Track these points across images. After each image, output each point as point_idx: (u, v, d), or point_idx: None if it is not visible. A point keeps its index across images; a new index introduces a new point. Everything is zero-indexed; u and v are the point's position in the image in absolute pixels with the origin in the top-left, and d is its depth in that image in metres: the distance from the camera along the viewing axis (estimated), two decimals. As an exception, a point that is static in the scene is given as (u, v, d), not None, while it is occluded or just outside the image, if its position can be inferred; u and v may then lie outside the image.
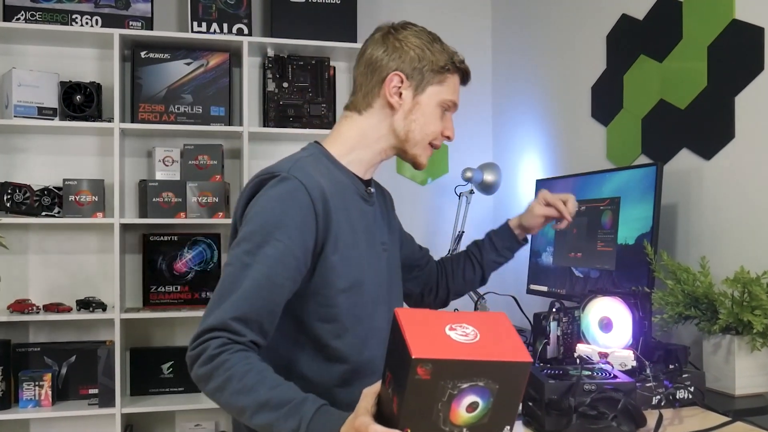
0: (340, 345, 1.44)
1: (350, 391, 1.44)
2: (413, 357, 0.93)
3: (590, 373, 1.42)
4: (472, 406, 0.96)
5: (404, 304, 1.78)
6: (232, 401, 1.22)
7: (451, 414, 0.96)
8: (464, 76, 1.58)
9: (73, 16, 2.99)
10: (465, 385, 0.95)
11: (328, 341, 1.44)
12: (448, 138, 1.57)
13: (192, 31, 3.09)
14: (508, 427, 0.98)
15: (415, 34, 1.52)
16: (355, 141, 1.54)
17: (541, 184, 2.60)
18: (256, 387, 1.20)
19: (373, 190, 1.59)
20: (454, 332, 0.99)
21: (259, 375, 1.21)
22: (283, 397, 1.18)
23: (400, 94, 1.50)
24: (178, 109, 3.06)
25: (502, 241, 1.85)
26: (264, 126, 3.19)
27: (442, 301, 1.91)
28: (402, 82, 1.49)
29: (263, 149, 3.25)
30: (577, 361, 1.60)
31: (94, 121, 2.95)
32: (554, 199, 1.77)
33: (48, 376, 2.88)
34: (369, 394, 1.05)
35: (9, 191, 2.90)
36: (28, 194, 2.93)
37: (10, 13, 2.95)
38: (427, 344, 0.95)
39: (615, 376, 1.41)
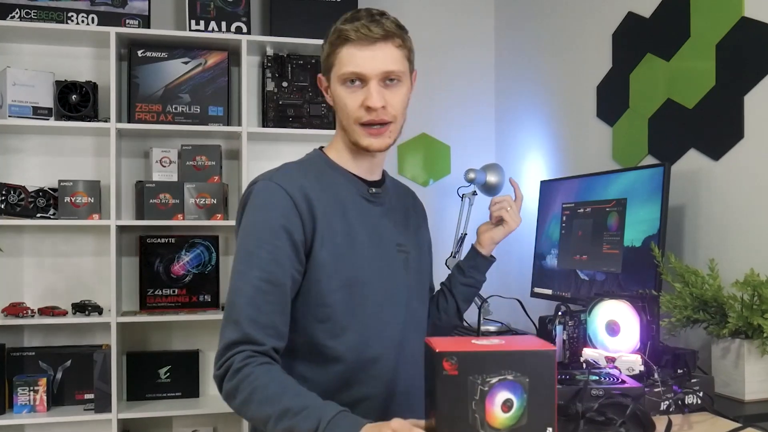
0: (337, 345, 1.45)
1: (350, 393, 1.46)
2: (437, 351, 0.99)
3: (598, 378, 1.42)
4: (506, 405, 0.99)
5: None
6: (258, 413, 1.27)
7: (487, 415, 0.99)
8: (356, 39, 1.44)
9: (69, 14, 2.99)
10: (494, 380, 0.99)
11: (324, 341, 1.45)
12: (369, 108, 1.44)
13: (190, 30, 3.08)
14: (551, 429, 1.01)
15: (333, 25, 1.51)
16: (340, 144, 1.56)
17: (545, 185, 2.60)
18: (279, 396, 1.25)
19: (377, 190, 1.57)
20: (479, 341, 1.05)
21: (282, 385, 1.27)
22: (304, 403, 1.23)
23: (327, 90, 1.53)
24: (176, 108, 3.06)
25: (467, 261, 1.83)
26: (263, 126, 3.19)
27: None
28: (321, 80, 1.54)
29: (262, 150, 3.25)
30: (584, 365, 1.60)
31: (90, 121, 2.95)
32: (495, 210, 1.80)
33: (43, 381, 2.87)
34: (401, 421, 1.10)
35: (3, 192, 2.89)
36: (22, 195, 2.92)
37: (4, 11, 2.94)
38: (453, 345, 1.02)
39: (623, 381, 1.40)
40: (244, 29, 3.14)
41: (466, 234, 3.11)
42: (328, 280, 1.43)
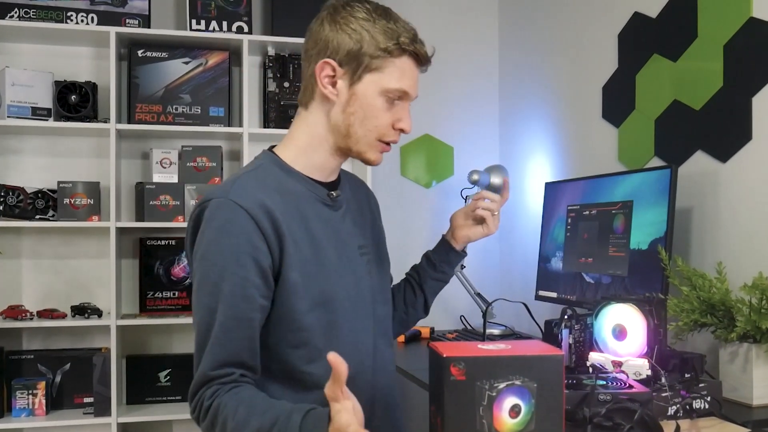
0: (314, 370, 1.38)
1: None
2: (445, 356, 0.99)
3: (605, 382, 1.42)
4: (514, 410, 1.00)
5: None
6: None
7: (495, 421, 0.99)
8: (417, 59, 1.40)
9: (68, 14, 3.00)
10: (502, 385, 1.00)
11: (300, 367, 1.38)
12: (402, 131, 1.43)
13: (190, 29, 3.09)
14: None
15: (359, 10, 1.38)
16: (304, 142, 1.45)
17: (550, 186, 2.60)
18: (248, 419, 1.22)
19: (337, 193, 1.48)
20: (485, 346, 1.06)
21: (249, 406, 1.23)
22: (272, 419, 1.20)
23: (335, 83, 1.39)
24: (176, 109, 3.06)
25: (438, 255, 1.72)
26: (264, 127, 3.19)
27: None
28: (334, 70, 1.38)
29: (263, 151, 3.25)
30: (590, 370, 1.60)
31: (89, 121, 2.95)
32: (470, 209, 1.69)
33: (42, 385, 2.88)
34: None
35: (2, 194, 2.90)
36: (21, 197, 2.93)
37: (3, 11, 2.95)
38: (460, 350, 1.03)
39: (630, 386, 1.40)
40: (246, 29, 3.14)
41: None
42: (299, 301, 1.35)
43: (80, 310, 2.95)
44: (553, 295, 2.44)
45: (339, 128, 1.41)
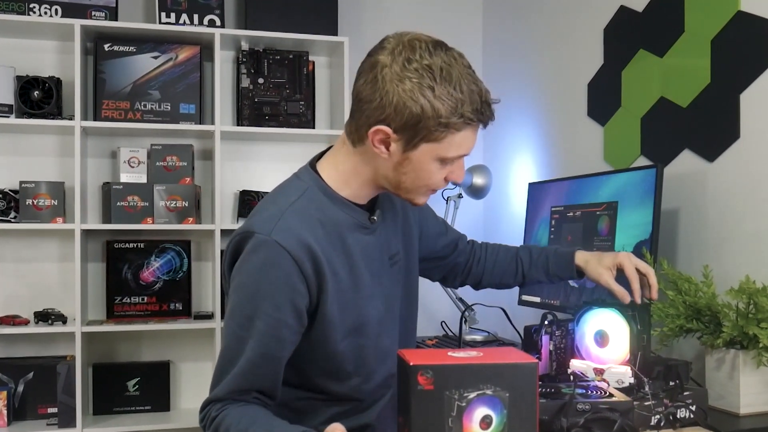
0: (341, 389, 1.47)
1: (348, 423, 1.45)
2: (411, 364, 0.98)
3: (584, 391, 1.41)
4: (485, 421, 0.98)
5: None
6: None
7: None
8: (481, 123, 1.38)
9: (31, 5, 2.96)
10: (472, 395, 0.98)
11: (328, 387, 1.47)
12: (455, 182, 1.48)
13: (160, 23, 3.06)
14: None
15: (419, 70, 1.29)
16: (349, 174, 1.44)
17: (533, 187, 2.59)
18: (248, 428, 1.27)
19: (378, 215, 1.50)
20: (455, 353, 1.04)
21: (252, 419, 1.29)
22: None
23: (389, 145, 1.35)
24: (145, 106, 3.04)
25: (557, 267, 1.76)
26: (237, 125, 3.18)
27: (468, 285, 1.88)
28: (389, 135, 1.33)
29: (237, 150, 3.24)
30: (571, 377, 1.59)
31: (53, 118, 2.92)
32: (631, 273, 1.63)
33: (3, 395, 2.85)
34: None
35: (-40, 194, 2.86)
36: (-19, 198, 2.90)
37: (-38, 2, 2.91)
38: (428, 358, 1.01)
39: (611, 395, 1.39)
40: (218, 22, 3.11)
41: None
42: (334, 332, 1.41)
43: (44, 317, 2.92)
44: (537, 299, 2.44)
45: (389, 179, 1.41)
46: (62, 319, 2.93)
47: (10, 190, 2.96)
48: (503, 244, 1.87)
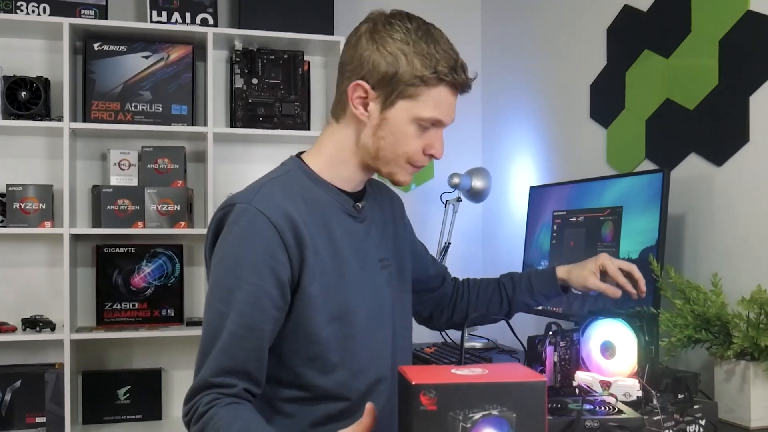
0: (325, 383, 1.43)
1: (337, 426, 1.41)
2: (413, 383, 0.95)
3: (592, 407, 1.38)
4: None
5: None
6: None
7: None
8: (455, 88, 1.45)
9: (18, 3, 2.94)
10: (478, 416, 0.95)
11: (312, 380, 1.42)
12: (433, 156, 1.48)
13: (151, 21, 3.05)
14: None
15: (398, 30, 1.41)
16: (332, 154, 1.49)
17: (534, 191, 2.57)
18: None
19: (362, 204, 1.53)
20: (459, 371, 1.01)
21: (245, 425, 1.26)
22: None
23: (367, 105, 1.42)
24: (136, 107, 3.02)
25: (540, 286, 1.79)
26: (231, 126, 3.16)
27: (454, 324, 1.88)
28: (367, 92, 1.41)
29: (230, 152, 3.22)
30: (577, 391, 1.57)
31: (41, 120, 2.91)
32: (614, 270, 1.69)
33: (-11, 404, 2.82)
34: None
35: (-55, 198, 2.84)
36: (-33, 201, 2.87)
37: (-53, 0, 2.88)
38: (430, 377, 0.97)
39: (620, 411, 1.36)
40: (211, 21, 3.10)
41: (450, 243, 3.08)
42: (317, 314, 1.39)
43: (32, 323, 2.90)
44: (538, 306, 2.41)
45: (368, 149, 1.45)
46: (51, 325, 2.91)
47: (-4, 194, 2.94)
48: (484, 278, 1.89)
